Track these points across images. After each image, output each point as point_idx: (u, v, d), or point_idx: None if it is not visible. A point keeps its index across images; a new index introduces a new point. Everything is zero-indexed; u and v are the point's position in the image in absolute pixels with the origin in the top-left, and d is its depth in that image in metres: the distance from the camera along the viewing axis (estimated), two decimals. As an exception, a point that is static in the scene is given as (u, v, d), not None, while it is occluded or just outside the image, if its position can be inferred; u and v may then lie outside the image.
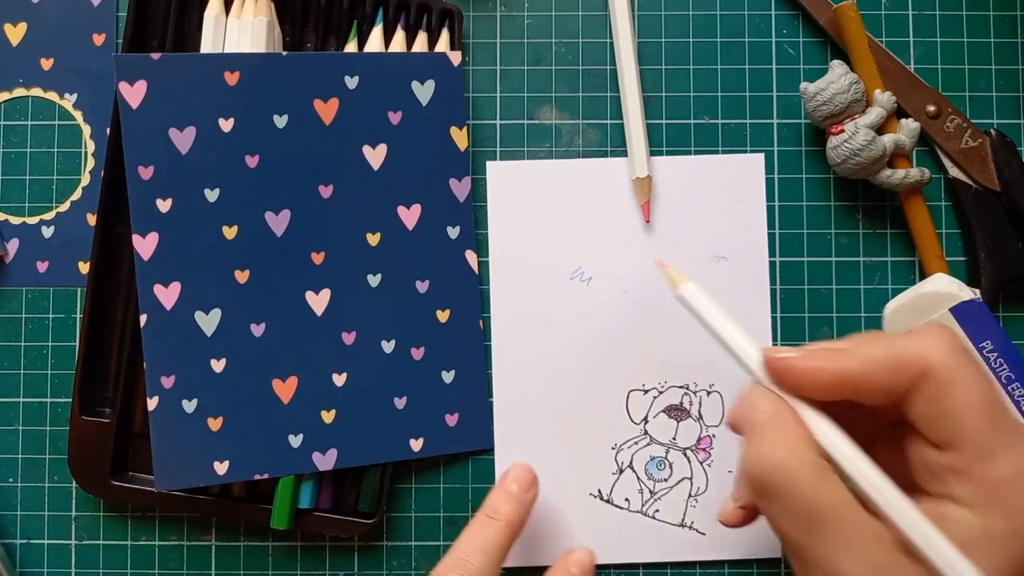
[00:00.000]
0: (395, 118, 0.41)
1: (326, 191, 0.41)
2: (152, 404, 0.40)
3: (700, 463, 0.42)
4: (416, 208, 0.42)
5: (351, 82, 0.41)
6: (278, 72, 0.40)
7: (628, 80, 0.42)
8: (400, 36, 0.42)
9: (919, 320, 0.39)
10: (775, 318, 0.43)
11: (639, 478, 0.42)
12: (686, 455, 0.42)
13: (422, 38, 0.42)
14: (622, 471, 0.42)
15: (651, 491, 0.42)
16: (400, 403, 0.41)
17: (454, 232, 0.42)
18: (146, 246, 0.40)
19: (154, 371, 0.40)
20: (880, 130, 0.40)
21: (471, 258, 0.42)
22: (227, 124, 0.40)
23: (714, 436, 0.42)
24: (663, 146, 0.43)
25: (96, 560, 0.42)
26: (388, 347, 0.41)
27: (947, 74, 0.43)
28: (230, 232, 0.40)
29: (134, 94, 0.40)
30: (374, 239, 0.41)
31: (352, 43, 0.42)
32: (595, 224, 0.43)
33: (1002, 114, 0.43)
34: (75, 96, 0.43)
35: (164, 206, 0.40)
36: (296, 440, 0.41)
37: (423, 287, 0.42)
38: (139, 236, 0.40)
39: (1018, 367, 0.38)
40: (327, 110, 0.41)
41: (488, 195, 0.43)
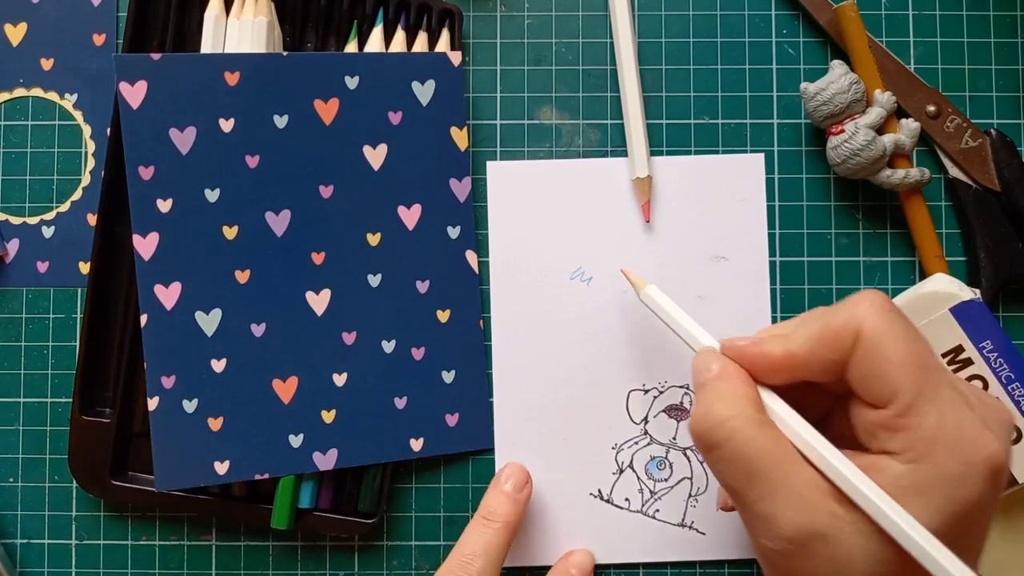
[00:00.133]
0: (395, 118, 0.41)
1: (326, 191, 0.41)
2: (152, 404, 0.40)
3: (700, 463, 0.42)
4: (416, 208, 0.42)
5: (351, 82, 0.41)
6: (278, 72, 0.40)
7: (628, 80, 0.42)
8: (400, 36, 0.42)
9: (919, 320, 0.39)
10: (775, 318, 0.43)
11: (639, 478, 0.42)
12: (686, 455, 0.42)
13: (422, 38, 0.42)
14: (622, 471, 0.42)
15: (651, 491, 0.42)
16: (400, 403, 0.41)
17: (454, 232, 0.42)
18: (146, 246, 0.40)
19: (154, 371, 0.40)
20: (880, 130, 0.40)
21: (471, 258, 0.42)
22: (227, 124, 0.40)
23: (714, 436, 0.42)
24: (663, 146, 0.43)
25: (96, 560, 0.42)
26: (388, 347, 0.41)
27: (947, 74, 0.43)
28: (230, 232, 0.40)
29: (134, 94, 0.40)
30: (374, 239, 0.41)
31: (352, 43, 0.42)
32: (595, 224, 0.43)
33: (1002, 114, 0.43)
34: (75, 96, 0.43)
35: (164, 206, 0.40)
36: (296, 440, 0.41)
37: (423, 287, 0.42)
38: (139, 236, 0.40)
39: (1018, 367, 0.38)
40: (327, 110, 0.41)
41: (488, 195, 0.43)
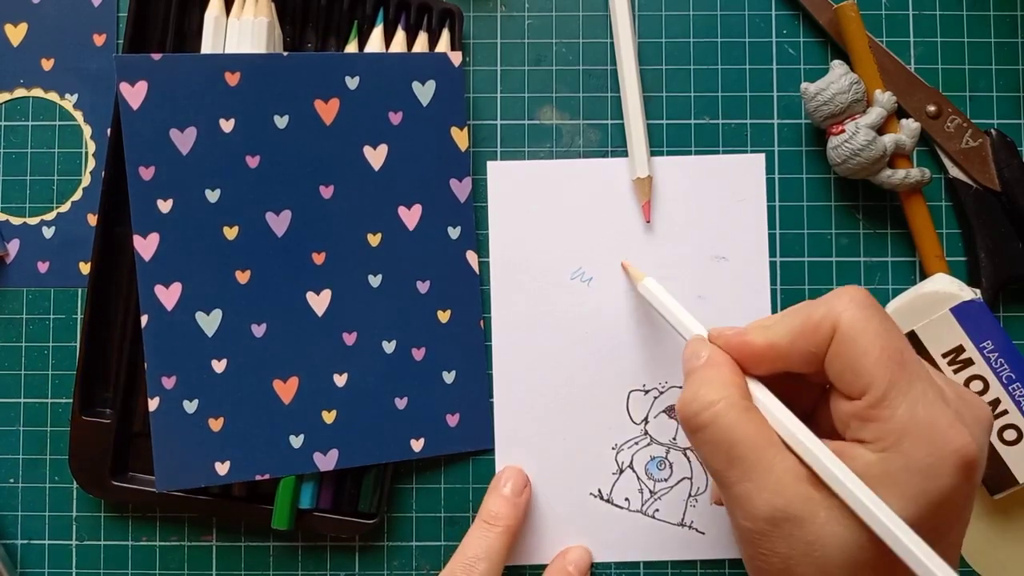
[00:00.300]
0: (396, 118, 0.41)
1: (327, 191, 0.41)
2: (153, 404, 0.40)
3: (700, 463, 0.42)
4: (417, 208, 0.42)
5: (352, 82, 0.41)
6: (279, 72, 0.40)
7: (628, 80, 0.42)
8: (400, 36, 0.42)
9: (920, 320, 0.39)
10: (775, 318, 0.43)
11: (639, 478, 0.42)
12: (686, 455, 0.42)
13: (422, 38, 0.42)
14: (622, 471, 0.42)
15: (651, 491, 0.42)
16: (401, 403, 0.41)
17: (455, 232, 0.42)
18: (147, 246, 0.40)
19: (155, 371, 0.40)
20: (880, 130, 0.40)
21: (472, 258, 0.42)
22: (228, 124, 0.40)
23: (714, 436, 0.42)
24: (663, 146, 0.43)
25: (96, 560, 0.42)
26: (389, 347, 0.41)
27: (947, 74, 0.43)
28: (231, 232, 0.40)
29: (135, 94, 0.40)
30: (375, 239, 0.41)
31: (352, 43, 0.42)
32: (595, 224, 0.43)
33: (1002, 114, 0.43)
34: (76, 96, 0.43)
35: (165, 206, 0.40)
36: (297, 440, 0.41)
37: (424, 287, 0.42)
38: (140, 236, 0.40)
39: (1018, 367, 0.38)
40: (328, 110, 0.41)
41: (489, 195, 0.43)
